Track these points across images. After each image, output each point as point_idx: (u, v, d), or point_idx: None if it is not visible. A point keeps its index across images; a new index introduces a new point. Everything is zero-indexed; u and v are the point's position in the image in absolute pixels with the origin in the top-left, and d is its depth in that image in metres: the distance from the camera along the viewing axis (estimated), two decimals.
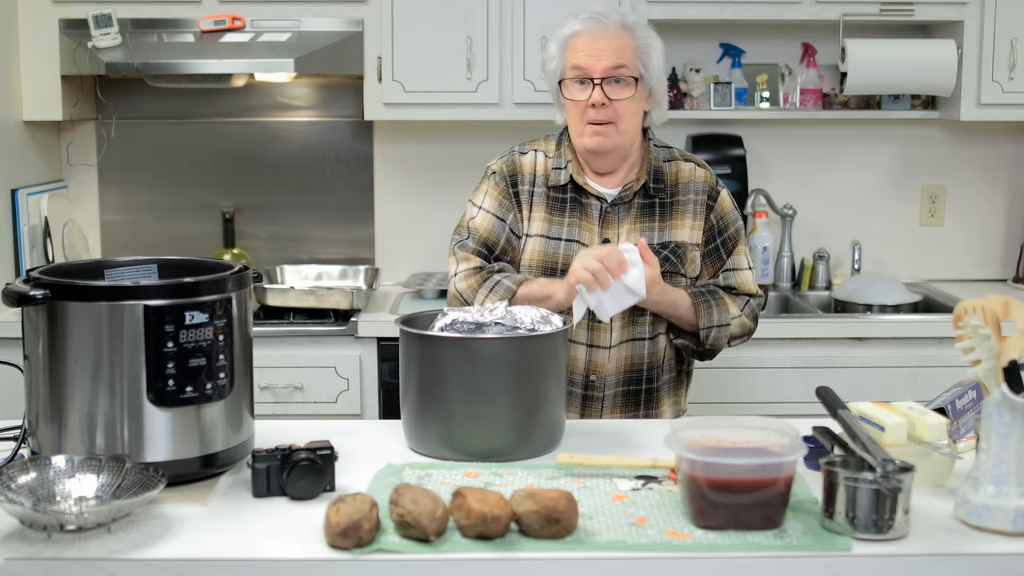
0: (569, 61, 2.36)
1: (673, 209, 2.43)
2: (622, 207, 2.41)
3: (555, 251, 2.40)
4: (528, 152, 2.47)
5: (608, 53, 2.33)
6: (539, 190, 2.43)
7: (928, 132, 4.02)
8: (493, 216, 2.44)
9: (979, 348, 1.72)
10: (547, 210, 2.41)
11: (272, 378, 3.36)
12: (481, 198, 2.48)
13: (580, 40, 2.35)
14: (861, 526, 1.60)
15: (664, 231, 2.41)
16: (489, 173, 2.49)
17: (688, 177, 2.45)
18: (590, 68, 2.32)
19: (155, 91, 3.82)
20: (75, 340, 1.74)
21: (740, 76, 3.90)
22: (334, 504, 1.58)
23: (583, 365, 2.41)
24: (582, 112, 2.34)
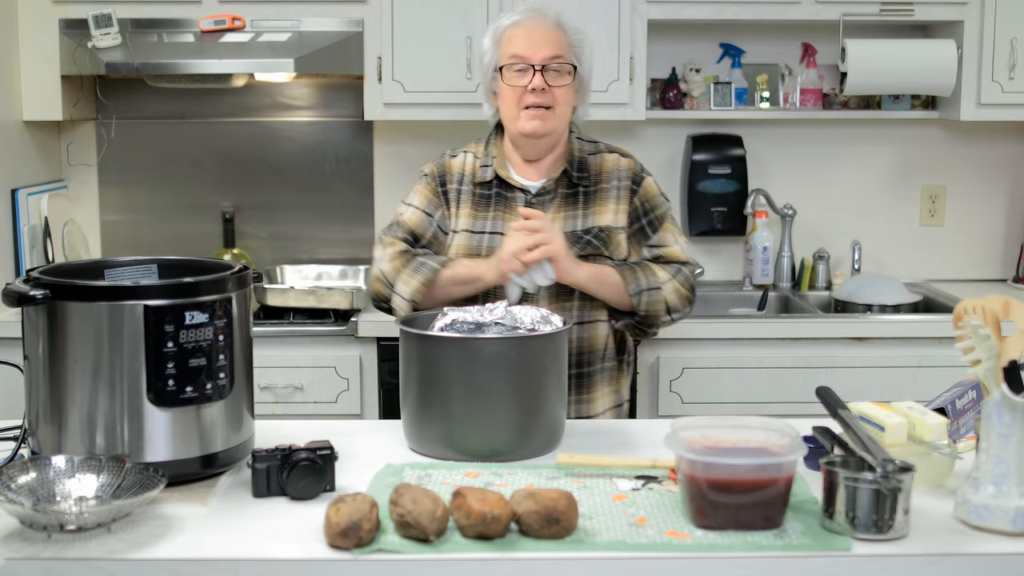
0: (506, 51, 2.43)
1: (596, 196, 2.50)
2: (546, 197, 2.48)
3: (479, 243, 2.46)
4: (458, 155, 2.57)
5: (546, 44, 2.41)
6: (466, 188, 2.52)
7: (928, 132, 4.02)
8: (421, 212, 2.52)
9: (979, 348, 1.72)
10: (472, 206, 2.49)
11: (272, 378, 3.36)
12: (412, 197, 2.56)
13: (518, 31, 2.43)
14: (861, 526, 1.60)
15: (588, 217, 2.48)
16: (421, 175, 2.59)
17: (612, 166, 2.53)
18: (530, 56, 2.40)
19: (155, 91, 3.82)
20: (75, 340, 1.74)
21: (740, 76, 3.90)
22: (334, 504, 1.58)
23: None
24: (520, 97, 2.42)
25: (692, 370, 3.39)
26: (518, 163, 2.51)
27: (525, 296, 2.36)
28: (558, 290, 2.40)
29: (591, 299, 2.43)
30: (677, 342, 3.38)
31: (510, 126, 2.47)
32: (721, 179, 3.87)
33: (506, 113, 2.47)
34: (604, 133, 3.93)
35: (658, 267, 2.46)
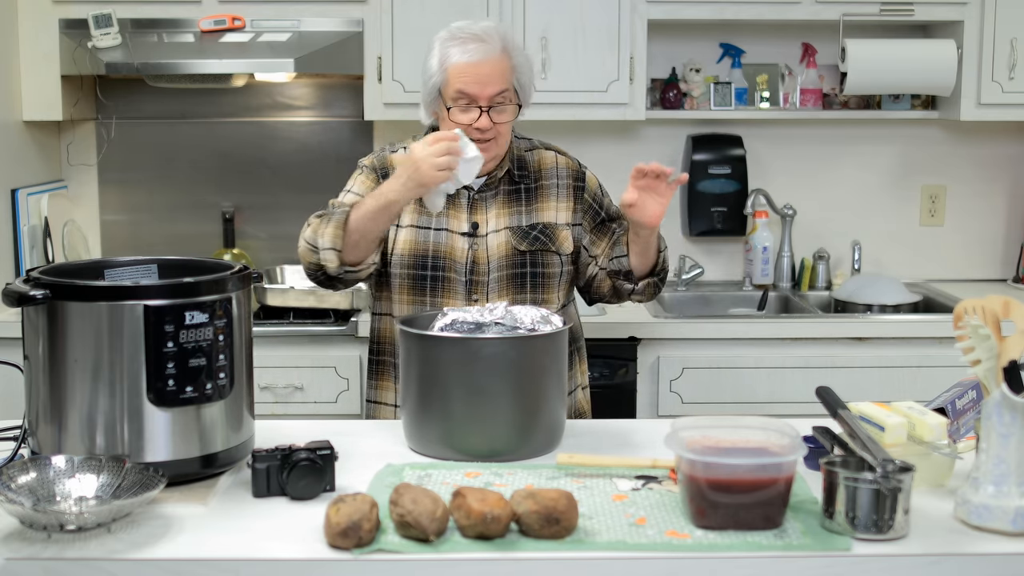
0: (452, 84, 2.40)
1: (538, 193, 2.52)
2: (488, 194, 2.50)
3: (425, 239, 2.46)
4: (398, 150, 2.56)
5: (492, 79, 2.39)
6: None
7: (928, 132, 4.02)
8: (359, 197, 2.46)
9: (979, 348, 1.72)
10: (416, 203, 2.45)
11: (272, 378, 3.36)
12: (350, 184, 2.54)
13: (465, 68, 2.40)
14: (861, 526, 1.60)
15: (532, 213, 2.50)
16: (360, 167, 2.58)
17: (551, 164, 2.56)
18: (476, 95, 2.39)
19: (155, 91, 3.82)
20: (75, 340, 1.74)
21: (740, 76, 3.90)
22: (334, 504, 1.58)
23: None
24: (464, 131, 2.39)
25: (692, 370, 3.39)
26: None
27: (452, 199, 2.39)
28: (509, 283, 2.45)
29: (543, 292, 2.47)
30: (677, 342, 3.38)
31: None
32: (721, 179, 3.87)
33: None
34: (604, 133, 3.95)
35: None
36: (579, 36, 3.58)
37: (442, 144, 2.25)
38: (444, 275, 2.46)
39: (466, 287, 2.45)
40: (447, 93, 2.42)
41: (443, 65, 2.42)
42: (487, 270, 2.46)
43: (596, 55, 3.60)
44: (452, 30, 2.46)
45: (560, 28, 3.58)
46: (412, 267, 2.46)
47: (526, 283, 2.47)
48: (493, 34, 2.43)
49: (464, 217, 2.48)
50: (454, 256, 2.46)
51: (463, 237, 2.47)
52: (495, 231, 2.47)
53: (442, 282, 2.45)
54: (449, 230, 2.47)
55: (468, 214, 2.48)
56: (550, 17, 3.58)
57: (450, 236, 2.46)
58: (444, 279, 2.45)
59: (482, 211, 2.49)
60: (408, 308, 2.46)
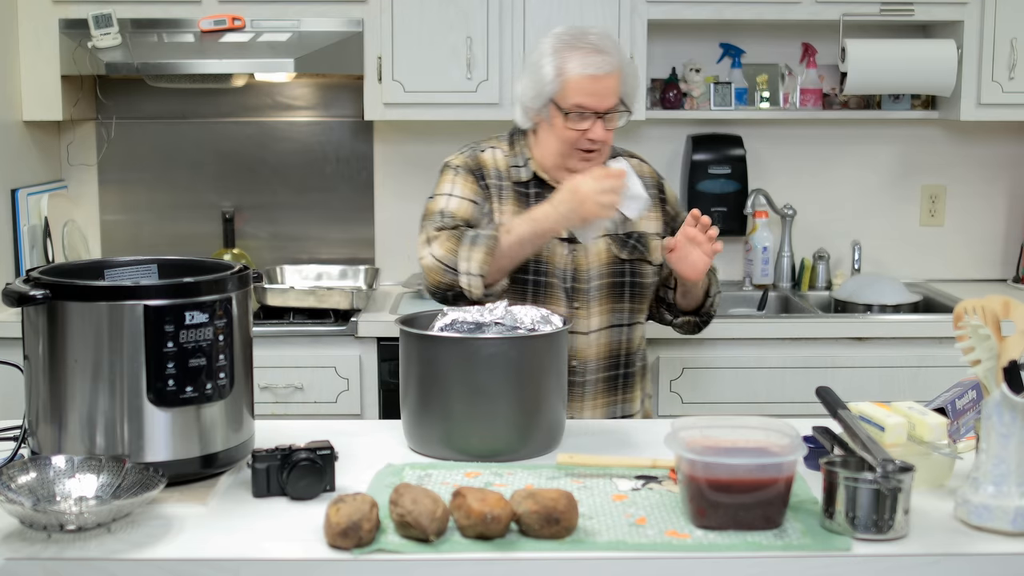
0: (571, 97, 2.37)
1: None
2: None
3: None
4: (486, 149, 2.52)
5: (609, 93, 2.38)
6: (505, 184, 2.48)
7: (928, 132, 4.02)
8: (469, 201, 2.45)
9: (979, 348, 1.72)
10: (515, 204, 2.45)
11: (272, 378, 3.36)
12: (449, 187, 2.47)
13: (586, 82, 2.37)
14: (861, 526, 1.60)
15: (625, 222, 2.47)
16: (452, 167, 2.51)
17: (637, 172, 2.49)
18: (595, 107, 2.37)
19: (155, 91, 3.82)
20: (75, 340, 1.74)
21: (740, 76, 3.90)
22: (334, 504, 1.58)
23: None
24: (575, 140, 2.40)
25: (692, 370, 3.39)
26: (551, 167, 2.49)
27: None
28: (610, 291, 2.44)
29: (638, 301, 2.49)
30: (677, 342, 3.38)
31: (555, 160, 2.45)
32: (721, 179, 3.87)
33: (552, 147, 2.44)
34: None
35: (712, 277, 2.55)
36: None
37: (610, 182, 2.24)
38: (546, 280, 2.44)
39: (567, 294, 2.44)
40: (563, 103, 2.38)
41: (561, 75, 2.38)
42: (588, 278, 2.45)
43: None
44: (568, 38, 2.42)
45: None
46: (514, 271, 2.41)
47: (624, 292, 2.46)
48: (611, 47, 2.41)
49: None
50: (555, 262, 2.44)
51: (563, 244, 2.44)
52: (594, 238, 2.44)
53: (544, 287, 2.43)
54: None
55: None
56: (550, 17, 3.58)
57: (551, 242, 2.43)
58: (546, 284, 2.43)
59: None
60: None
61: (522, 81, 2.48)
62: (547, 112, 2.42)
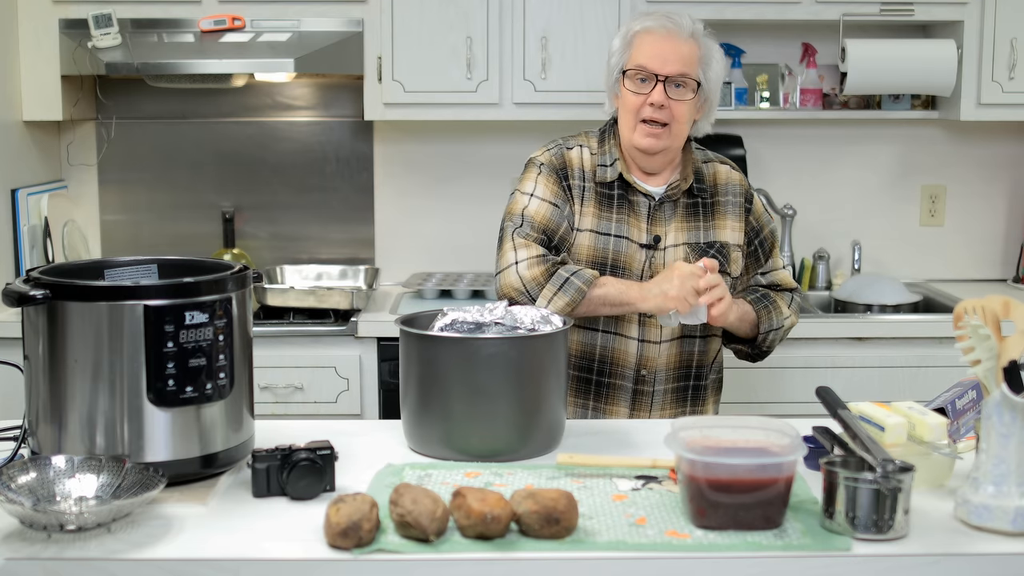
0: (634, 58, 2.36)
1: (715, 210, 2.47)
2: (668, 205, 2.43)
3: (605, 246, 2.40)
4: (573, 147, 2.46)
5: (674, 58, 2.34)
6: (588, 185, 2.43)
7: (928, 132, 4.02)
8: (549, 204, 2.40)
9: (979, 348, 1.72)
10: (596, 205, 2.41)
11: (272, 378, 3.36)
12: (532, 186, 2.43)
13: (648, 39, 2.35)
14: (861, 526, 1.60)
15: (709, 231, 2.45)
16: (537, 164, 2.45)
17: (725, 179, 2.50)
18: (656, 68, 2.34)
19: (155, 91, 3.82)
20: (75, 340, 1.74)
21: (740, 76, 3.90)
22: (334, 504, 1.58)
23: (634, 360, 2.41)
24: (638, 108, 2.36)
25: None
26: (636, 167, 2.45)
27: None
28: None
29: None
30: None
31: (626, 135, 2.41)
32: None
33: (623, 121, 2.41)
34: None
35: (782, 301, 2.49)
36: (579, 36, 3.58)
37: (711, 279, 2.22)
38: None
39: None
40: (629, 66, 2.36)
41: (627, 40, 2.38)
42: None
43: (596, 55, 3.59)
44: (642, 16, 2.43)
45: (560, 28, 3.58)
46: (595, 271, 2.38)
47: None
48: (683, 20, 2.38)
49: (643, 227, 2.41)
50: (632, 267, 2.40)
51: (642, 248, 2.40)
52: (674, 245, 2.41)
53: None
54: (629, 239, 2.40)
55: (648, 224, 2.42)
56: (550, 17, 3.58)
57: (629, 245, 2.40)
58: None
59: (661, 223, 2.42)
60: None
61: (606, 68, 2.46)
62: (619, 87, 2.39)
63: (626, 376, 2.42)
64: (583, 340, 2.43)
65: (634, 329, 2.41)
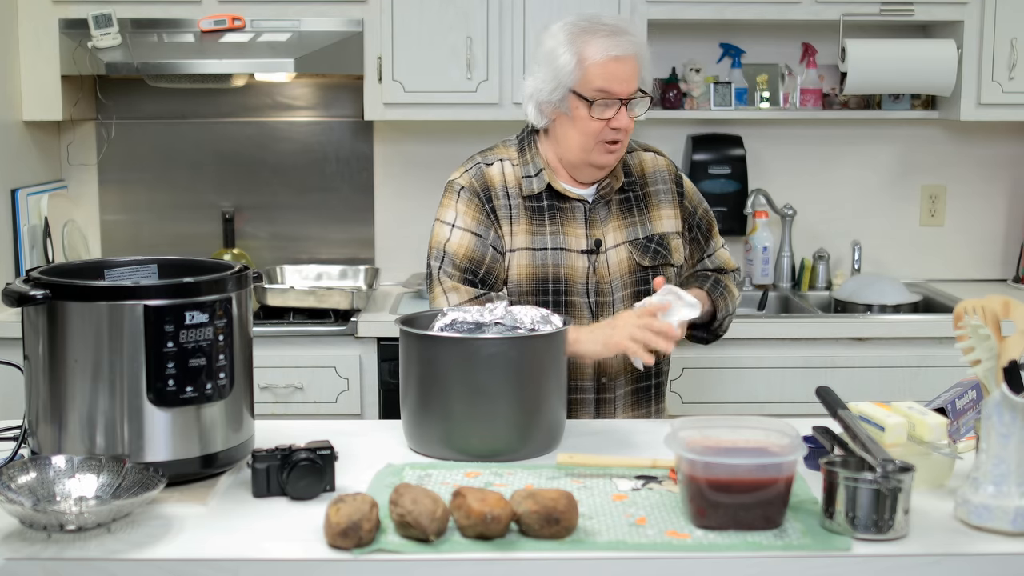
0: (592, 82, 2.26)
1: (648, 201, 2.43)
2: (601, 206, 2.38)
3: (543, 262, 2.34)
4: (493, 162, 2.39)
5: (630, 77, 2.28)
6: (515, 202, 2.35)
7: (928, 132, 4.02)
8: (472, 235, 2.33)
9: (979, 348, 1.72)
10: (528, 221, 2.34)
11: (272, 378, 3.36)
12: (452, 215, 2.35)
13: (609, 65, 2.26)
14: (861, 526, 1.60)
15: (646, 224, 2.41)
16: (456, 189, 2.37)
17: (652, 167, 2.46)
18: (620, 93, 2.27)
19: (155, 91, 3.82)
20: (75, 340, 1.74)
21: (740, 76, 3.90)
22: (334, 504, 1.58)
23: (592, 369, 2.38)
24: (599, 131, 2.28)
25: (692, 370, 3.39)
26: (563, 173, 2.39)
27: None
28: (635, 301, 2.32)
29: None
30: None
31: (577, 154, 2.32)
32: (721, 179, 3.87)
33: (574, 141, 2.31)
34: None
35: (732, 284, 2.48)
36: None
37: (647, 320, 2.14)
38: (567, 299, 2.33)
39: (591, 310, 2.34)
40: (585, 91, 2.26)
41: (582, 62, 2.26)
42: (611, 290, 2.35)
43: None
44: (583, 24, 2.30)
45: None
46: (532, 293, 2.33)
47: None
48: (629, 28, 2.30)
49: (582, 233, 2.35)
50: (574, 277, 2.34)
51: (582, 255, 2.35)
52: (614, 246, 2.36)
53: (565, 306, 2.33)
54: (567, 249, 2.34)
55: (586, 229, 2.36)
56: (550, 17, 3.55)
57: (568, 255, 2.33)
58: (568, 304, 2.33)
59: (599, 225, 2.37)
60: None
61: (533, 76, 2.34)
62: (567, 105, 2.29)
63: (587, 388, 2.38)
64: None
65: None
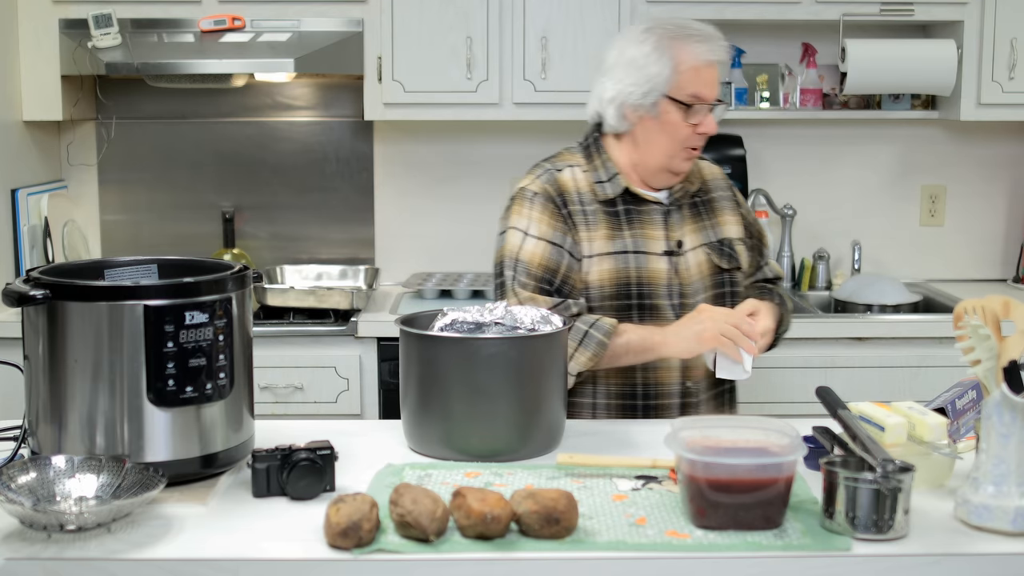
0: (687, 87, 2.25)
1: (712, 207, 2.42)
2: (676, 209, 2.37)
3: (625, 266, 2.30)
4: (563, 168, 2.35)
5: (717, 83, 2.30)
6: (590, 207, 2.32)
7: (928, 132, 4.02)
8: (547, 243, 2.28)
9: (979, 348, 1.72)
10: (606, 226, 2.31)
11: (272, 378, 3.36)
12: (526, 223, 2.30)
13: (701, 70, 2.26)
14: (861, 526, 1.60)
15: (716, 229, 2.40)
16: (529, 195, 2.32)
17: (711, 175, 2.46)
18: (709, 98, 2.27)
19: (155, 91, 3.82)
20: (75, 340, 1.74)
21: (740, 76, 3.90)
22: (334, 504, 1.58)
23: (678, 374, 2.34)
24: (687, 136, 2.27)
25: None
26: (635, 177, 2.36)
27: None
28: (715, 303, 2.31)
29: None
30: None
31: (660, 159, 2.30)
32: None
33: (663, 147, 2.29)
34: None
35: (786, 295, 2.49)
36: (579, 36, 3.58)
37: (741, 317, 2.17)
38: (651, 302, 2.30)
39: (675, 312, 2.31)
40: (680, 95, 2.24)
41: (677, 67, 2.24)
42: (694, 291, 2.33)
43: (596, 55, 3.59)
44: (672, 29, 2.29)
45: (560, 28, 3.58)
46: (615, 298, 2.29)
47: (727, 304, 2.33)
48: (716, 34, 2.30)
49: (661, 235, 2.33)
50: (657, 280, 2.31)
51: (663, 257, 2.32)
52: (693, 249, 2.34)
53: (649, 310, 2.29)
54: (647, 252, 2.31)
55: (665, 231, 2.34)
56: (550, 17, 3.58)
57: (648, 258, 2.31)
58: (651, 307, 2.30)
59: (676, 228, 2.35)
60: None
61: (617, 81, 2.29)
62: (658, 109, 2.26)
63: (672, 393, 2.34)
64: (621, 370, 2.31)
65: None
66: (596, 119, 2.38)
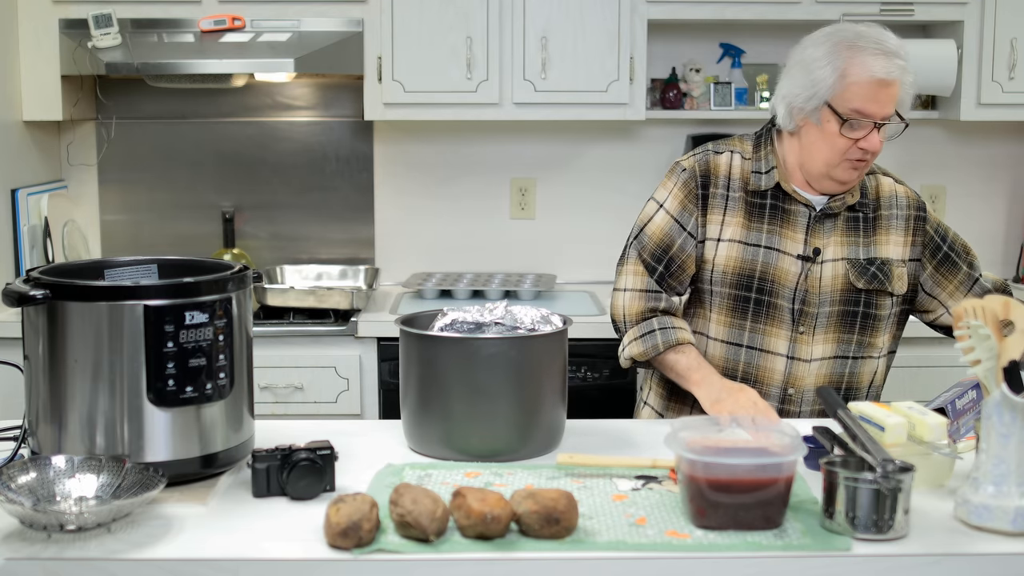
0: (850, 99, 2.20)
1: (877, 224, 2.35)
2: (828, 218, 2.32)
3: (753, 258, 2.30)
4: (723, 152, 2.36)
5: (890, 100, 2.22)
6: (735, 194, 2.32)
7: (928, 132, 4.02)
8: (671, 219, 2.33)
9: (979, 348, 1.72)
10: (745, 215, 2.31)
11: (272, 378, 3.36)
12: (664, 195, 2.37)
13: (869, 86, 2.20)
14: (861, 526, 1.60)
15: (870, 246, 2.33)
16: (679, 170, 2.36)
17: (889, 192, 2.39)
18: (876, 115, 2.21)
19: (155, 91, 3.82)
20: (75, 340, 1.74)
21: (740, 76, 3.90)
22: (334, 504, 1.58)
23: (781, 377, 2.32)
24: (846, 149, 2.23)
25: None
26: (798, 176, 2.33)
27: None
28: (839, 321, 2.30)
29: (869, 335, 2.33)
30: None
31: (821, 167, 2.27)
32: None
33: (822, 155, 2.25)
34: (604, 133, 3.95)
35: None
36: (579, 36, 3.58)
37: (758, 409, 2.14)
38: (770, 300, 2.29)
39: (793, 317, 2.29)
40: (840, 107, 2.20)
41: (843, 78, 2.20)
42: (819, 302, 2.29)
43: (596, 55, 3.60)
44: (851, 36, 2.24)
45: (560, 28, 3.58)
46: (735, 286, 2.30)
47: (855, 323, 2.31)
48: (899, 50, 2.22)
49: (800, 238, 2.30)
50: (783, 280, 2.29)
51: (797, 260, 2.29)
52: (832, 260, 2.30)
53: (767, 307, 2.29)
54: (780, 251, 2.29)
55: (806, 235, 2.30)
56: (550, 17, 3.58)
57: (780, 257, 2.29)
58: (769, 304, 2.29)
59: (820, 236, 2.31)
60: (725, 330, 2.32)
61: (790, 79, 2.29)
62: (818, 116, 2.23)
63: (771, 394, 2.32)
64: (726, 355, 2.33)
65: (783, 345, 2.30)
66: (773, 112, 2.37)
